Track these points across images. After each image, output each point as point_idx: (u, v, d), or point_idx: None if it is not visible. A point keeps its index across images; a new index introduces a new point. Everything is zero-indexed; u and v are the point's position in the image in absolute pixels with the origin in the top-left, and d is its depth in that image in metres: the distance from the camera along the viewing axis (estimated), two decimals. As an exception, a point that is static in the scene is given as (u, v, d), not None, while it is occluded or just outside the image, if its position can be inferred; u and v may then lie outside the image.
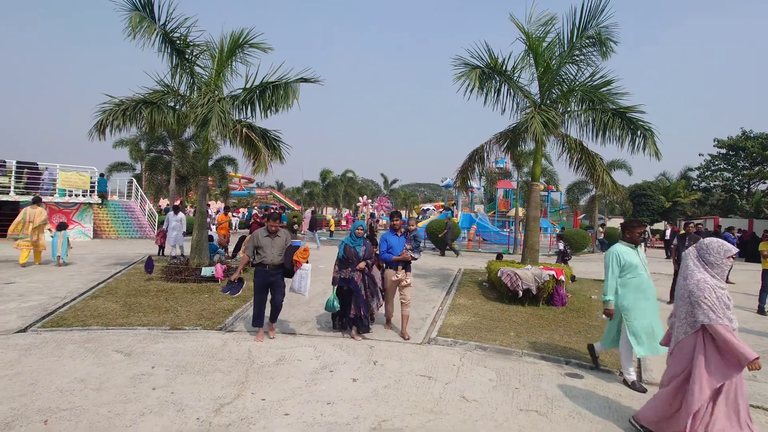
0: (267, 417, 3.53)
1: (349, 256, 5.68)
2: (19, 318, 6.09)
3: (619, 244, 4.60)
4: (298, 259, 5.55)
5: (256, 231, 5.62)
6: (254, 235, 5.55)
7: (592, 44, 8.76)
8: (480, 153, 10.27)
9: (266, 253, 5.46)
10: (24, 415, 3.42)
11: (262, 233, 5.54)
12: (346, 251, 5.70)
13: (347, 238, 5.82)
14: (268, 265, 5.47)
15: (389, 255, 5.86)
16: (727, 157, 35.80)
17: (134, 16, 8.85)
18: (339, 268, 5.71)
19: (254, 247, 5.49)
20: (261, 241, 5.48)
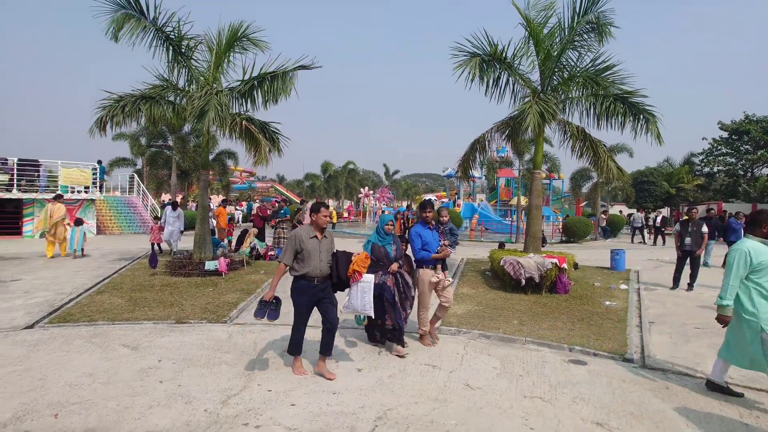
0: (274, 407, 3.57)
1: (379, 257, 4.82)
2: (26, 314, 6.14)
3: (751, 241, 3.81)
4: (358, 268, 4.29)
5: (297, 231, 4.19)
6: (295, 236, 4.14)
7: (591, 29, 8.66)
8: (481, 142, 10.23)
9: (313, 261, 4.10)
10: (34, 409, 3.47)
11: (307, 233, 4.14)
12: (374, 251, 4.83)
13: (374, 236, 4.96)
14: (316, 277, 4.13)
15: (426, 253, 5.04)
16: (730, 141, 35.55)
17: (119, 17, 8.74)
18: (369, 271, 4.73)
19: (294, 253, 4.12)
20: (306, 244, 4.09)
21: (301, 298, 4.16)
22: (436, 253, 5.09)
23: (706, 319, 6.47)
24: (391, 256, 4.87)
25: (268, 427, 3.26)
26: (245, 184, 46.90)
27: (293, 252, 4.11)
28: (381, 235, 4.93)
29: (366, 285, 4.43)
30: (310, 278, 4.12)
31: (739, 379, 4.32)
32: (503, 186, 30.72)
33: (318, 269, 4.13)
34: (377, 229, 5.00)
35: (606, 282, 9.12)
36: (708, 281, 9.43)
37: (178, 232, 12.25)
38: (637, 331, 5.91)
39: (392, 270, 4.84)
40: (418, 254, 5.07)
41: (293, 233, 4.19)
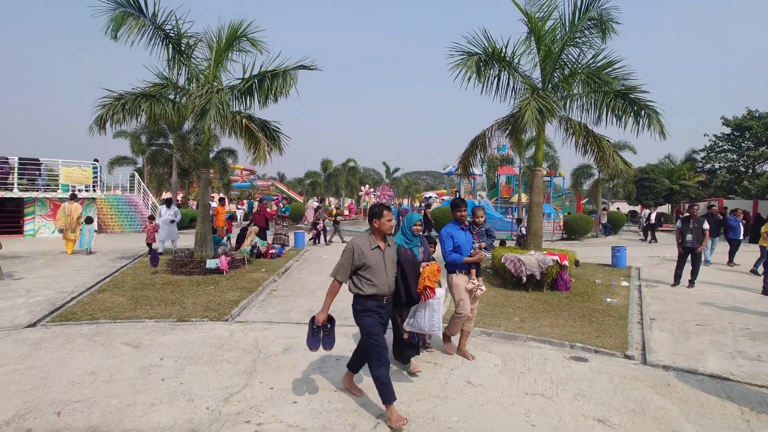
0: (276, 405, 3.58)
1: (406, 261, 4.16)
2: (28, 313, 6.16)
3: None
4: (431, 284, 3.78)
5: (355, 241, 3.45)
6: (352, 247, 3.39)
7: (594, 26, 8.62)
8: (482, 139, 10.19)
9: (379, 278, 3.39)
10: (37, 407, 3.48)
11: (366, 243, 3.43)
12: (401, 254, 4.14)
13: (399, 237, 4.38)
14: (385, 296, 3.44)
15: (458, 255, 4.52)
16: (732, 137, 35.46)
17: (117, 15, 8.72)
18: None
19: (353, 268, 3.40)
20: (368, 257, 3.37)
21: (373, 319, 3.41)
22: (469, 257, 4.55)
23: (707, 316, 6.47)
24: (418, 259, 4.30)
25: (270, 424, 3.27)
26: (246, 182, 46.88)
27: (351, 267, 3.38)
28: (408, 236, 4.38)
29: (437, 302, 3.89)
30: (377, 298, 3.40)
31: (740, 375, 4.33)
32: (504, 183, 30.69)
33: (386, 286, 3.43)
34: (402, 230, 4.43)
35: (607, 279, 9.12)
36: (709, 278, 9.42)
37: (176, 231, 12.04)
38: (638, 328, 5.91)
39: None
40: (449, 257, 4.52)
41: (350, 244, 3.43)
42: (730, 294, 8.02)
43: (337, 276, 3.41)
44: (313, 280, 8.82)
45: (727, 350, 5.06)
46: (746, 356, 4.87)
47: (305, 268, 10.20)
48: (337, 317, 6.19)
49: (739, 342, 5.35)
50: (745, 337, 5.55)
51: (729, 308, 6.96)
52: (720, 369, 4.48)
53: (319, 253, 12.81)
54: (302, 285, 8.41)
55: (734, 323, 6.12)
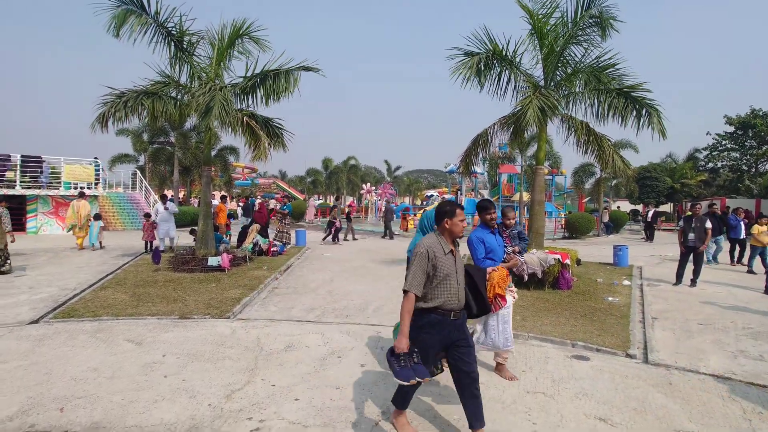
0: (277, 402, 3.59)
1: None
2: (30, 309, 6.18)
3: None
4: (501, 291, 3.43)
5: (427, 244, 2.94)
6: (426, 252, 2.89)
7: (595, 24, 8.59)
8: (483, 138, 10.18)
9: (450, 287, 2.92)
10: (40, 403, 3.50)
11: (439, 247, 2.94)
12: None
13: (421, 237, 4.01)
14: (453, 310, 2.94)
15: (491, 262, 4.14)
16: (735, 136, 35.34)
17: (120, 13, 8.73)
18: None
19: (426, 276, 2.88)
20: (442, 263, 2.90)
21: (433, 338, 2.92)
22: (503, 263, 4.22)
23: (708, 315, 6.47)
24: None
25: (271, 421, 3.28)
26: (247, 180, 46.94)
27: (425, 275, 2.86)
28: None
29: (508, 312, 3.42)
30: (444, 311, 2.90)
31: (742, 375, 4.32)
32: (505, 182, 30.64)
33: (456, 298, 2.94)
34: (422, 229, 4.03)
35: (609, 278, 9.11)
36: (711, 278, 9.41)
37: (174, 228, 11.97)
38: (640, 326, 5.90)
39: None
40: (483, 264, 4.13)
41: (422, 247, 2.91)
42: (732, 293, 8.01)
43: (412, 288, 2.83)
44: (315, 278, 8.83)
45: (729, 349, 5.05)
46: (748, 356, 4.86)
47: (307, 266, 10.21)
48: (338, 315, 6.27)
49: (741, 341, 5.34)
50: (747, 336, 5.55)
51: (731, 307, 6.95)
52: (722, 368, 4.48)
53: (320, 251, 12.82)
54: (304, 283, 8.42)
55: (736, 323, 6.11)
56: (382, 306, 6.80)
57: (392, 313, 6.42)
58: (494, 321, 3.48)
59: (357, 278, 8.91)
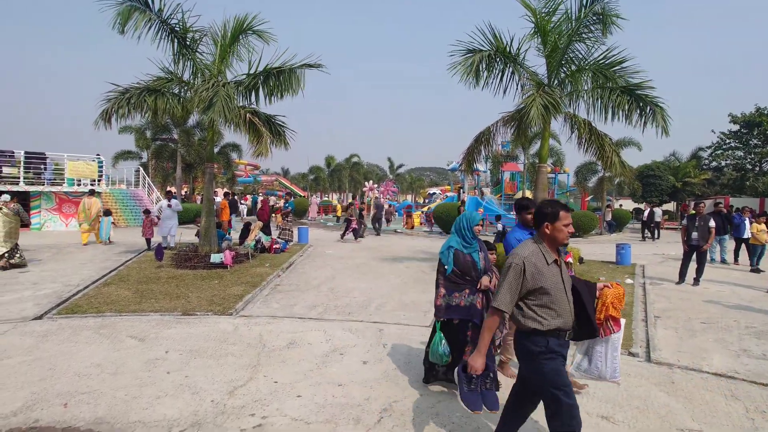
0: (280, 399, 3.60)
1: (465, 270, 3.62)
2: (34, 305, 6.21)
3: None
4: (615, 313, 2.83)
5: (523, 253, 2.46)
6: (522, 263, 2.41)
7: (598, 20, 8.55)
8: (486, 135, 10.16)
9: (561, 304, 2.44)
10: (44, 398, 3.52)
11: (540, 257, 2.46)
12: (457, 260, 3.65)
13: (455, 240, 3.73)
14: (567, 331, 2.49)
15: None
16: (740, 134, 35.15)
17: (124, 10, 8.75)
18: (447, 291, 3.65)
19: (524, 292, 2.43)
20: (546, 276, 2.42)
21: (558, 363, 2.44)
22: None
23: (711, 314, 6.44)
24: (480, 268, 3.67)
25: (274, 417, 3.29)
26: (250, 177, 47.00)
27: (518, 292, 2.42)
28: (467, 239, 3.69)
29: (618, 338, 2.89)
30: (562, 333, 2.45)
31: (745, 374, 4.31)
32: (508, 180, 30.59)
33: (570, 317, 2.49)
34: (459, 231, 3.74)
35: (611, 276, 9.09)
36: (714, 276, 9.37)
37: (176, 226, 11.90)
38: (642, 325, 5.89)
39: (483, 286, 3.61)
40: None
41: (517, 258, 2.44)
42: (735, 292, 7.97)
43: (502, 306, 2.42)
44: (317, 275, 8.84)
45: (732, 348, 5.03)
46: (751, 355, 4.84)
47: (309, 263, 10.22)
48: (340, 313, 6.28)
49: (744, 340, 5.32)
50: (751, 335, 5.52)
51: (734, 306, 6.92)
52: (725, 367, 4.46)
53: (323, 248, 12.84)
54: (306, 280, 8.44)
55: (739, 321, 6.09)
56: (385, 303, 6.80)
57: (394, 310, 6.43)
58: (602, 347, 2.88)
59: (359, 275, 8.92)
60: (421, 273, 9.24)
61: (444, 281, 3.67)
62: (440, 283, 3.67)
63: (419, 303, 6.83)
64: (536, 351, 2.42)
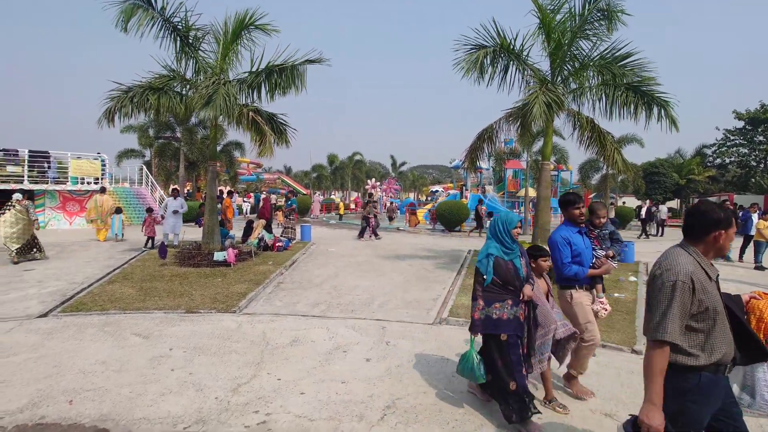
0: (283, 396, 3.61)
1: (507, 278, 3.24)
2: (39, 303, 6.25)
3: None
4: None
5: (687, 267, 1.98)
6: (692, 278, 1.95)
7: (602, 17, 8.50)
8: (489, 132, 10.13)
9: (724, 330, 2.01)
10: (50, 395, 3.54)
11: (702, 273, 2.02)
12: (498, 269, 3.26)
13: (493, 246, 3.34)
14: (729, 363, 2.05)
15: (579, 268, 3.55)
16: (744, 131, 34.94)
17: (127, 8, 8.77)
18: (486, 302, 3.26)
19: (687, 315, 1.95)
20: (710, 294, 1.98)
21: (704, 409, 2.01)
22: (593, 268, 3.64)
23: (716, 312, 6.42)
24: (522, 276, 3.29)
25: (277, 414, 3.31)
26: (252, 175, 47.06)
27: (686, 317, 1.95)
28: (507, 244, 3.32)
29: None
30: (721, 368, 2.01)
31: (749, 371, 4.29)
32: (511, 177, 30.52)
33: (731, 345, 2.03)
34: (496, 234, 3.36)
35: (614, 274, 9.06)
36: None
37: (180, 224, 11.92)
38: (646, 323, 5.87)
39: (526, 296, 3.25)
40: (569, 270, 3.55)
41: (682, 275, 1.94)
42: (740, 289, 7.88)
43: (670, 337, 1.91)
44: (320, 273, 8.86)
45: (736, 346, 5.01)
46: (756, 352, 4.82)
47: (312, 261, 10.24)
48: (343, 310, 6.29)
49: (748, 338, 5.30)
50: (755, 333, 5.50)
51: (739, 304, 6.89)
52: (729, 365, 4.44)
53: (325, 246, 12.85)
54: (309, 278, 8.45)
55: (744, 319, 6.07)
56: (387, 301, 6.81)
57: (397, 308, 6.44)
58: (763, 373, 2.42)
59: (362, 273, 8.93)
60: (424, 271, 9.24)
61: (483, 292, 3.29)
62: (478, 294, 3.30)
63: (422, 301, 6.83)
64: (682, 388, 1.97)
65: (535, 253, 3.67)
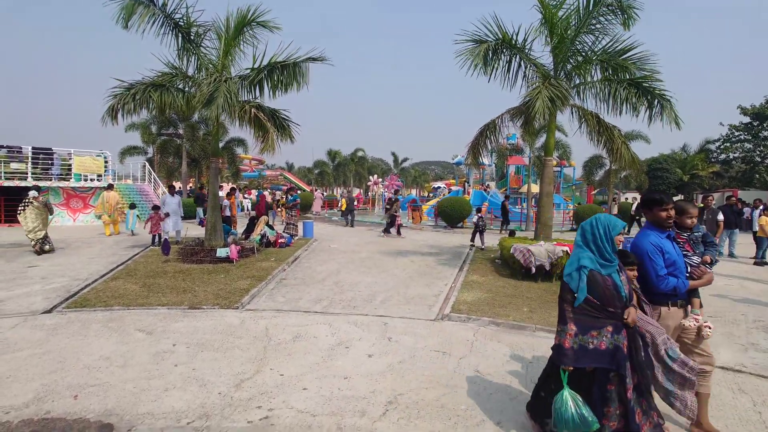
0: (286, 391, 3.63)
1: (607, 299, 2.65)
2: (44, 299, 6.29)
3: None
4: None
5: None
6: None
7: (611, 12, 8.43)
8: (491, 128, 10.10)
9: None
10: (55, 390, 3.57)
11: None
12: (595, 286, 2.66)
13: (587, 256, 2.74)
14: None
15: (675, 280, 2.94)
16: (750, 127, 34.71)
17: (128, 4, 8.76)
18: (580, 328, 2.66)
19: None
20: None
21: None
22: (693, 279, 3.05)
23: (718, 308, 6.40)
24: (624, 295, 2.69)
25: (280, 410, 3.32)
26: (255, 172, 47.10)
27: None
28: (606, 254, 2.70)
29: None
30: None
31: (752, 367, 4.29)
32: (513, 173, 30.45)
33: None
34: (593, 242, 2.75)
35: (617, 270, 9.05)
36: (722, 270, 9.29)
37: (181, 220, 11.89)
38: (648, 319, 5.86)
39: (631, 320, 2.66)
40: (666, 284, 2.92)
41: None
42: (744, 286, 7.92)
43: None
44: (322, 270, 8.88)
45: (739, 342, 5.00)
46: (759, 348, 4.82)
47: (314, 258, 10.25)
48: (345, 307, 6.30)
49: (752, 334, 5.29)
50: (759, 329, 5.49)
51: (742, 300, 6.88)
52: (732, 361, 4.44)
53: (327, 242, 12.87)
54: (311, 274, 8.47)
55: (747, 315, 6.05)
56: (390, 297, 6.82)
57: (399, 304, 6.45)
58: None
59: (364, 269, 8.94)
60: (426, 267, 9.24)
61: (574, 314, 2.66)
62: (568, 316, 2.68)
63: (424, 297, 6.84)
64: None
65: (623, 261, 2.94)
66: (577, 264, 2.74)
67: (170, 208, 11.66)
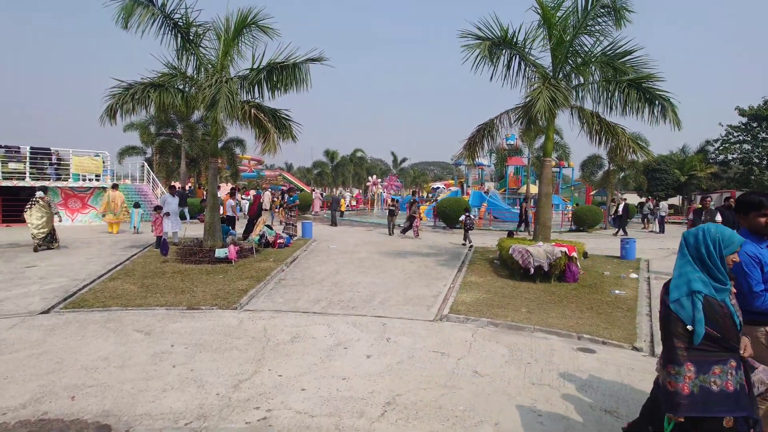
0: (284, 392, 3.62)
1: (725, 331, 2.15)
2: (41, 300, 6.28)
3: None
4: None
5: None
6: None
7: (606, 13, 8.46)
8: (489, 127, 10.08)
9: None
10: (52, 391, 3.56)
11: None
12: (714, 316, 2.14)
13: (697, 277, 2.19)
14: None
15: None
16: (748, 128, 34.76)
17: (128, 4, 8.75)
18: (698, 366, 2.12)
19: None
20: None
21: None
22: None
23: None
24: (738, 324, 2.20)
25: (279, 411, 3.32)
26: (254, 172, 47.05)
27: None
28: (719, 276, 2.19)
29: None
30: None
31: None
32: (512, 174, 30.47)
33: None
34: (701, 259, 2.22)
35: (616, 271, 9.05)
36: None
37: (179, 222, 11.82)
38: (647, 319, 5.87)
39: (747, 354, 2.20)
40: (760, 301, 2.52)
41: None
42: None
43: None
44: (321, 270, 8.87)
45: (737, 343, 5.01)
46: (757, 349, 4.82)
47: (313, 258, 10.25)
48: (344, 307, 6.30)
49: (749, 335, 5.30)
50: None
51: (740, 301, 6.89)
52: (730, 362, 4.44)
53: (326, 243, 12.86)
54: (310, 275, 8.47)
55: (745, 316, 6.06)
56: (388, 298, 6.82)
57: (398, 305, 6.45)
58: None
59: (362, 270, 8.93)
60: (424, 267, 9.24)
61: (688, 350, 2.12)
62: (680, 354, 2.12)
63: (423, 297, 6.84)
64: None
65: None
66: (687, 288, 2.18)
67: (170, 209, 11.60)
